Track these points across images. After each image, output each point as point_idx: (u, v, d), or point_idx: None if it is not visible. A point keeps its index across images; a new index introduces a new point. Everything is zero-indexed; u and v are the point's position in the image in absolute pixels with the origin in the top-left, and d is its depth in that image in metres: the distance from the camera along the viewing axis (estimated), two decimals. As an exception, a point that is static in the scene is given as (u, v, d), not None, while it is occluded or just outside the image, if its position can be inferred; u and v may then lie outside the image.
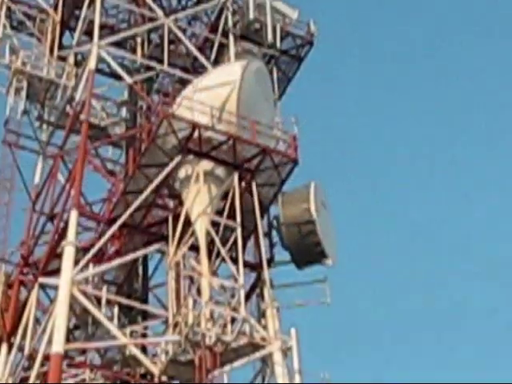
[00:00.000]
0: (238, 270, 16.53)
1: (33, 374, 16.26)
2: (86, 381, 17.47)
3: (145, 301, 18.17)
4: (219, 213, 16.76)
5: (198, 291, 16.28)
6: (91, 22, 18.66)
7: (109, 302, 16.99)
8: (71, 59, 19.96)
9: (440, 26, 56.85)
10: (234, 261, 16.56)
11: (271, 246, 18.21)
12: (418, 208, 53.81)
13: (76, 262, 16.19)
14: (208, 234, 16.44)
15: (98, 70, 18.99)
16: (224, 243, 16.39)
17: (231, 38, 19.26)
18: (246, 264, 17.29)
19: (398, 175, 51.70)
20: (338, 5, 50.01)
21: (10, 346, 17.53)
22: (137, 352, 16.21)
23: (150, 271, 19.20)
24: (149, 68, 19.69)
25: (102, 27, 19.36)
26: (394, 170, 53.71)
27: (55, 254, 17.57)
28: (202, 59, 19.07)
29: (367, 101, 47.66)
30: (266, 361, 16.88)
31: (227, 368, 16.45)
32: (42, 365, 16.22)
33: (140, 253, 17.56)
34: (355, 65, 45.64)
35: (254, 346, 16.48)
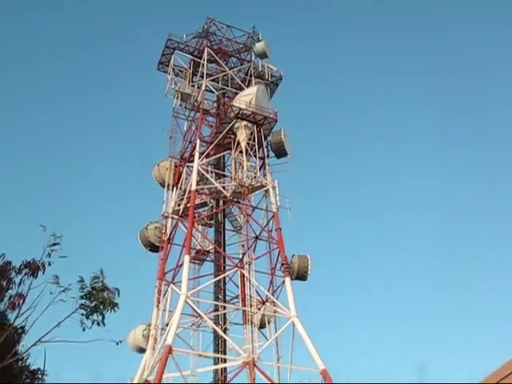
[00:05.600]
0: (256, 159, 40.72)
1: (184, 198, 40.80)
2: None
3: (223, 170, 42.70)
4: (249, 139, 41.29)
5: (242, 167, 40.73)
6: (203, 74, 44.16)
7: (210, 171, 41.38)
8: (197, 86, 44.98)
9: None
10: (255, 156, 40.92)
11: (268, 150, 42.41)
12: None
13: (199, 156, 42.10)
14: (245, 146, 40.90)
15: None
16: (251, 149, 41.04)
17: (253, 77, 44.85)
18: (260, 157, 41.00)
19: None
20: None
21: (177, 188, 41.46)
22: (221, 188, 39.76)
23: (225, 160, 43.15)
24: (223, 88, 45.70)
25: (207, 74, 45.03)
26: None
27: (192, 155, 42.07)
28: (243, 85, 44.59)
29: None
30: (267, 192, 40.65)
31: (252, 194, 40.88)
32: (188, 197, 40.02)
33: (221, 154, 42.25)
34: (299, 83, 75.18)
35: (262, 186, 40.34)
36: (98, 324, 13.24)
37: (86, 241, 76.54)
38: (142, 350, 36.03)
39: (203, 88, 44.32)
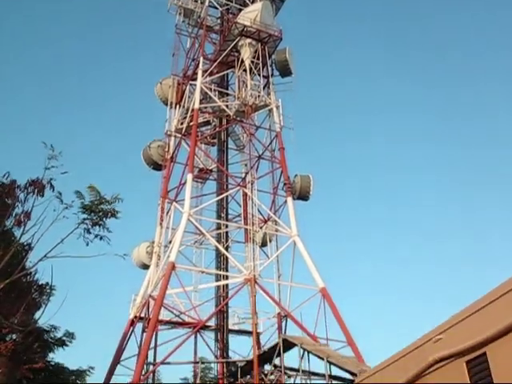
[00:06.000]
0: (260, 78, 40.04)
1: (187, 116, 40.92)
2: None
3: (227, 88, 42.05)
4: (253, 57, 40.19)
5: (246, 85, 39.51)
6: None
7: (214, 90, 41.23)
8: (200, 2, 43.78)
9: None
10: (259, 74, 40.01)
11: (272, 69, 41.94)
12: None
13: (203, 74, 41.36)
14: (249, 64, 39.67)
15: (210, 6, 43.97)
16: (255, 68, 39.88)
17: (258, -5, 44.17)
18: (264, 76, 40.98)
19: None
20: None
21: (180, 107, 41.14)
22: (225, 107, 39.21)
23: (229, 78, 42.97)
24: (227, 4, 43.92)
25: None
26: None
27: (195, 73, 41.33)
28: (247, 1, 42.89)
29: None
30: (270, 111, 40.37)
31: (255, 113, 41.85)
32: (191, 116, 39.87)
33: (225, 72, 41.56)
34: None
35: (266, 105, 39.94)
36: (101, 238, 13.38)
37: (88, 159, 76.85)
38: (145, 267, 36.84)
39: (206, 3, 43.27)
